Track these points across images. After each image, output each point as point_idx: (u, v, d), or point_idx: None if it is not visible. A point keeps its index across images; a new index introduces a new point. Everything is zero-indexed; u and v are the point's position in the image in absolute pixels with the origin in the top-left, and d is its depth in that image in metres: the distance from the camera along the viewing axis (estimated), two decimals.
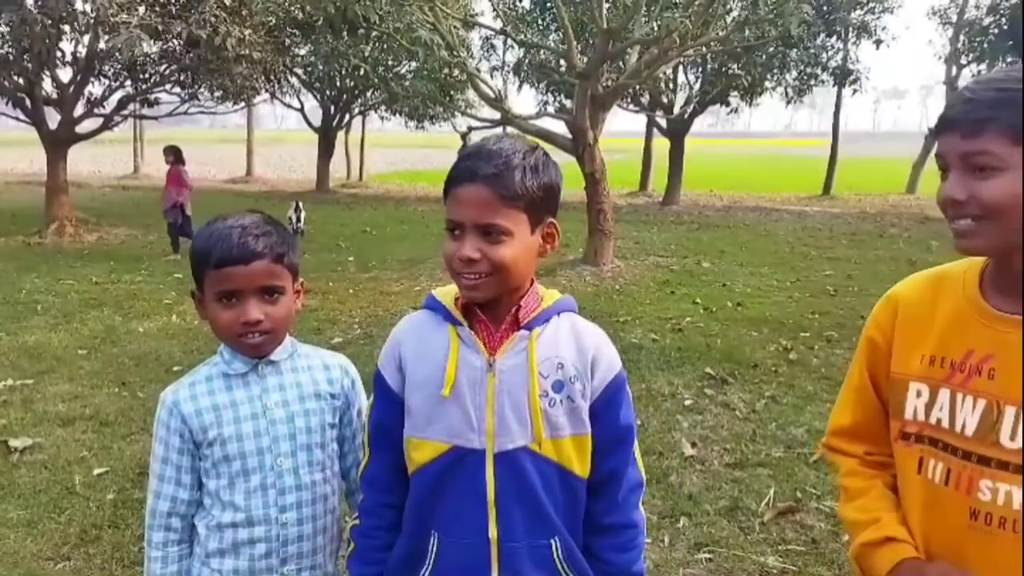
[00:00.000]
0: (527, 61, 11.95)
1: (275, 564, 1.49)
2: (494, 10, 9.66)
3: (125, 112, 13.33)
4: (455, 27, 8.79)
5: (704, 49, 8.98)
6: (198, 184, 22.83)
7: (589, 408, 1.37)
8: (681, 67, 15.70)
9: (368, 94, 20.78)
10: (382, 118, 21.99)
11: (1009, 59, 14.80)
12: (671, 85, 16.42)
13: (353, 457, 1.63)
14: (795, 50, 14.10)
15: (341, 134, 22.84)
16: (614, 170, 10.37)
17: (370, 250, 10.65)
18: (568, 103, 13.82)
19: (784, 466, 3.97)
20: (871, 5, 14.77)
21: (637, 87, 12.85)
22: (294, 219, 11.95)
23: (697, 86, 16.33)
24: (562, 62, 13.99)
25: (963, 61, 17.95)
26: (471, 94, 16.79)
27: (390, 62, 16.27)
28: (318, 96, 20.56)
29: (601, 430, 1.38)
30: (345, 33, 8.67)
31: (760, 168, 29.46)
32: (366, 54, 13.45)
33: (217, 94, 13.49)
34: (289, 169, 31.43)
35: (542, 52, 11.78)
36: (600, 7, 7.24)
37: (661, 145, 20.44)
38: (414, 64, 17.57)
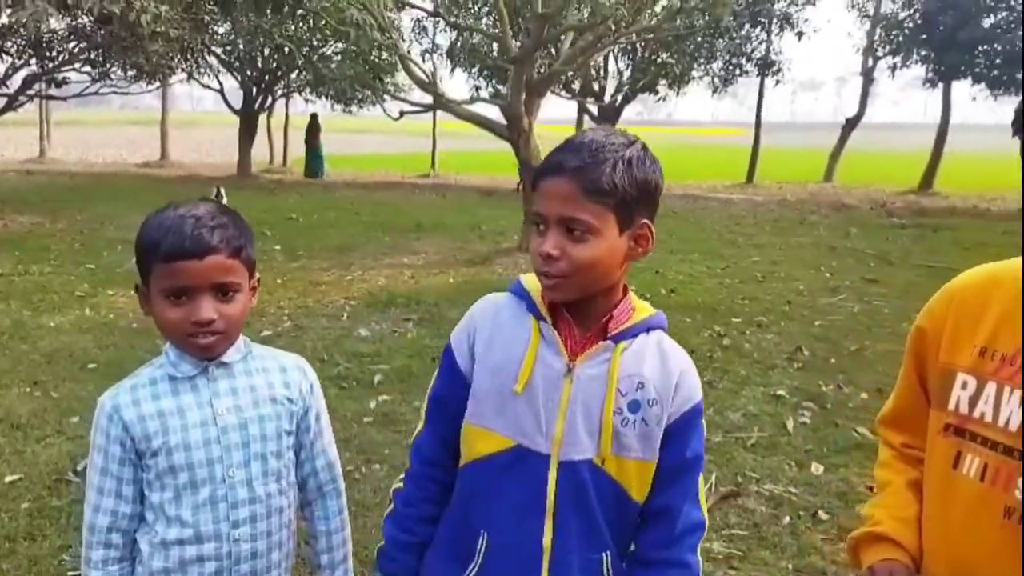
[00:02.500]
0: (460, 44, 11.76)
1: None
2: None
3: (31, 92, 12.48)
4: (386, 7, 8.54)
5: (635, 37, 9.01)
6: (109, 168, 21.87)
7: (664, 432, 1.31)
8: (611, 55, 15.79)
9: (292, 75, 20.12)
10: (307, 100, 21.31)
11: (923, 52, 15.49)
12: (602, 72, 16.49)
13: (310, 466, 1.53)
14: (722, 40, 14.37)
15: (263, 117, 22.08)
16: None
17: (297, 238, 10.30)
18: (502, 89, 13.72)
19: (724, 451, 4.03)
20: None
21: (570, 74, 12.83)
22: None
23: (628, 74, 16.45)
24: (495, 46, 13.88)
25: (879, 53, 18.67)
26: (401, 77, 16.51)
27: (315, 42, 15.77)
28: (238, 77, 19.77)
29: (666, 457, 1.31)
30: (269, 10, 8.32)
31: (686, 156, 30.06)
32: (291, 33, 12.95)
33: (130, 73, 12.77)
34: (206, 153, 30.21)
35: (475, 36, 11.62)
36: None
37: None
38: (341, 45, 17.23)
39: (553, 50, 10.52)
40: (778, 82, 16.89)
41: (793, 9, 15.64)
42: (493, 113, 9.76)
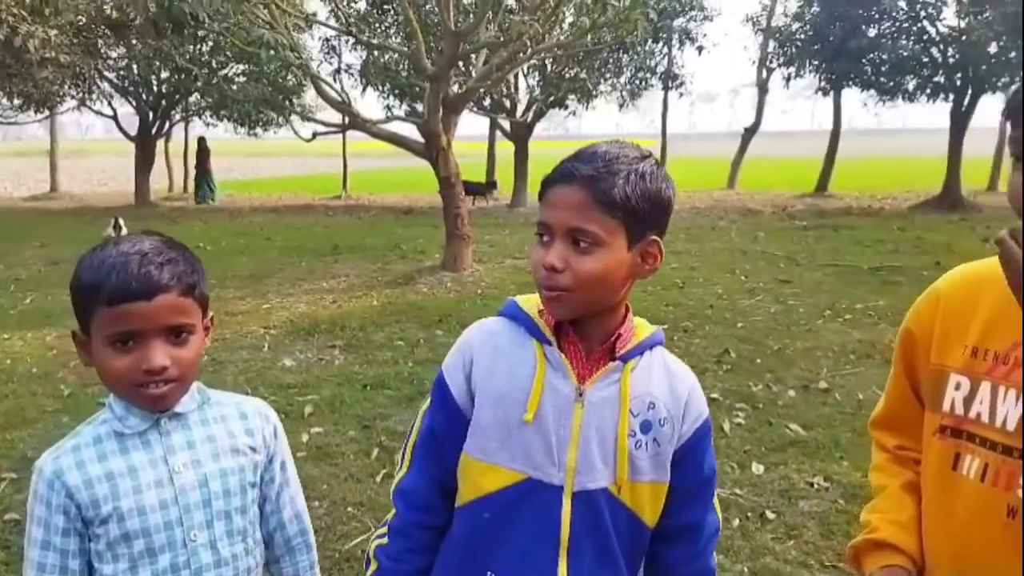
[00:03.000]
0: (371, 63, 11.58)
1: None
2: (333, 10, 9.25)
3: None
4: (296, 26, 8.33)
5: (547, 53, 9.11)
6: None
7: (675, 453, 1.27)
8: (521, 72, 15.96)
9: (190, 99, 19.39)
10: (208, 124, 20.59)
11: (816, 62, 16.33)
12: (513, 89, 16.63)
13: (276, 519, 1.41)
14: (627, 55, 14.74)
15: (161, 143, 21.16)
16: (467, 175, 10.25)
17: (206, 267, 9.62)
18: (417, 107, 13.57)
19: None
20: (693, 13, 15.77)
21: (483, 91, 12.87)
22: (114, 237, 10.89)
23: (538, 90, 16.66)
24: (406, 65, 13.77)
25: (772, 65, 19.58)
26: (308, 98, 16.17)
27: (215, 64, 15.25)
28: (133, 102, 18.90)
29: (683, 477, 1.28)
30: (170, 32, 7.97)
31: None
32: (191, 55, 12.45)
33: (17, 102, 11.97)
34: (99, 183, 28.72)
35: (387, 54, 11.47)
36: (448, 9, 7.11)
37: (504, 149, 20.69)
38: (243, 67, 16.74)
39: (466, 67, 10.51)
40: (681, 95, 17.52)
41: (692, 24, 16.25)
42: (409, 132, 9.66)
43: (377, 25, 12.74)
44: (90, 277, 1.19)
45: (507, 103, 17.18)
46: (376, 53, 11.49)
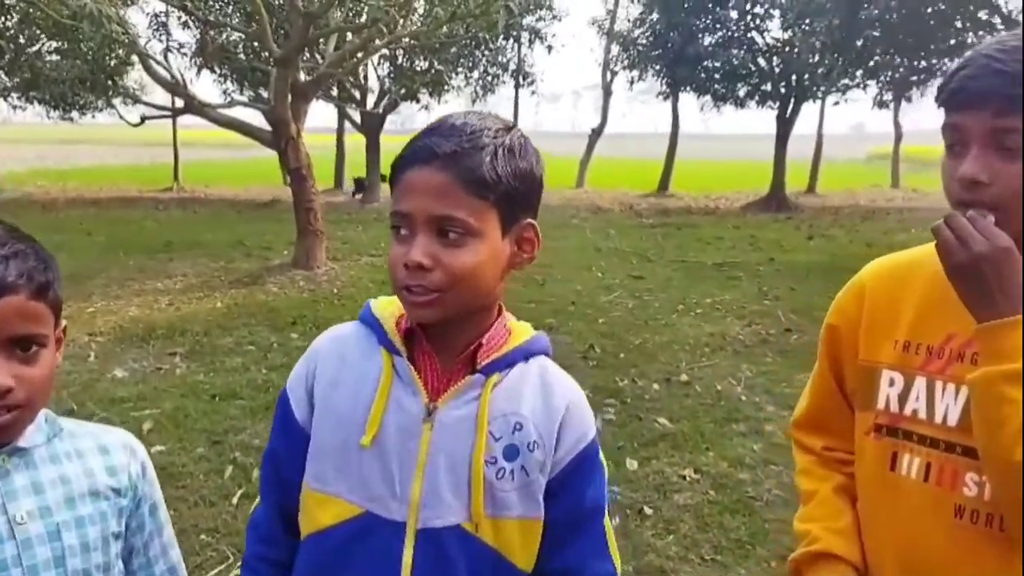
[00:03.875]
0: (209, 43, 10.69)
1: None
2: None
3: None
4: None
5: (402, 42, 8.82)
6: None
7: (546, 485, 1.07)
8: (371, 62, 15.50)
9: None
10: (15, 107, 18.34)
11: (657, 66, 17.10)
12: (363, 79, 16.11)
13: (146, 575, 1.17)
14: (480, 50, 14.70)
15: None
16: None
17: None
18: (263, 93, 12.72)
19: None
20: (541, 13, 15.99)
21: (333, 79, 12.30)
22: None
23: (389, 81, 16.25)
24: (243, 48, 12.92)
25: (615, 68, 20.34)
26: (132, 79, 14.78)
27: (22, 39, 13.55)
28: None
29: (560, 512, 1.08)
30: None
31: None
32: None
33: None
34: None
35: (224, 34, 10.64)
36: None
37: (353, 142, 20.05)
38: (55, 43, 15.01)
39: (313, 53, 9.98)
40: (533, 92, 17.77)
41: (541, 24, 16.49)
42: (251, 119, 9.01)
43: (213, 2, 11.80)
44: None
45: (356, 94, 16.63)
46: (212, 32, 10.62)
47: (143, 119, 8.43)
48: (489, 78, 16.71)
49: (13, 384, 0.95)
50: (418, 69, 16.17)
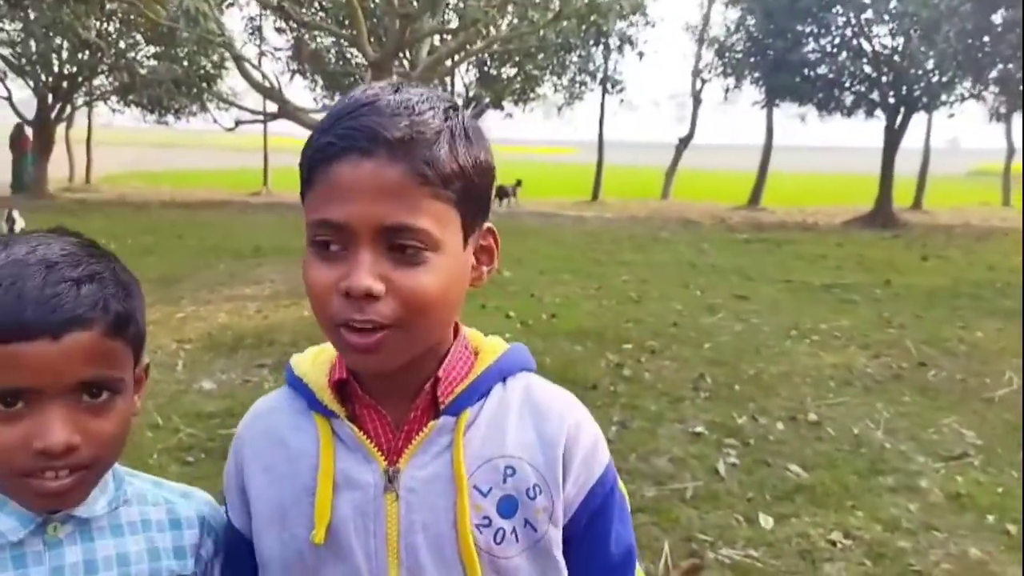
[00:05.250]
0: (303, 48, 10.64)
1: None
2: None
3: None
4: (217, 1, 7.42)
5: (500, 45, 8.52)
6: None
7: (564, 531, 0.85)
8: (457, 71, 15.35)
9: (95, 82, 17.86)
10: (114, 110, 19.04)
11: (756, 74, 16.35)
12: (449, 86, 15.99)
13: None
14: (570, 56, 14.35)
15: (60, 129, 19.41)
16: None
17: None
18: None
19: (663, 508, 3.53)
20: (633, 18, 15.49)
21: (426, 84, 12.18)
22: (7, 230, 9.66)
23: (472, 90, 16.07)
24: (338, 53, 12.91)
25: (705, 76, 19.66)
26: (227, 85, 15.04)
27: (123, 44, 13.95)
28: (31, 82, 17.25)
29: (583, 564, 0.87)
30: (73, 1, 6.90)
31: (528, 174, 30.40)
32: (96, 30, 11.21)
33: None
34: None
35: (320, 38, 10.58)
36: None
37: None
38: (153, 48, 15.44)
39: (408, 57, 9.79)
40: (622, 101, 17.29)
41: (632, 30, 15.99)
42: None
43: (308, 6, 11.82)
44: None
45: None
46: (307, 36, 10.55)
47: (237, 123, 8.39)
48: (577, 85, 16.32)
49: (78, 441, 0.78)
50: (504, 77, 15.93)
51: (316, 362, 0.88)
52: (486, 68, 15.59)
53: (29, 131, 17.80)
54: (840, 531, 3.34)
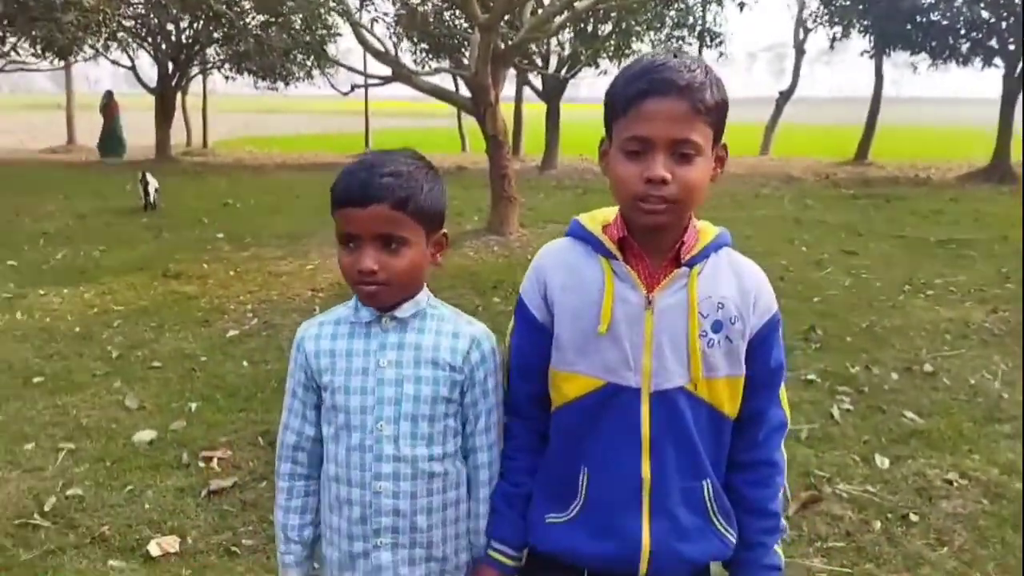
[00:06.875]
0: (413, 13, 10.95)
1: (368, 532, 1.38)
2: None
3: None
4: None
5: (604, 2, 8.56)
6: (12, 155, 20.00)
7: (748, 345, 1.32)
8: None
9: (212, 50, 18.79)
10: (227, 77, 19.98)
11: (864, 22, 15.57)
12: (546, 45, 16.00)
13: (471, 442, 1.44)
14: (670, 10, 14.08)
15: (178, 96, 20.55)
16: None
17: (240, 225, 9.50)
18: (455, 61, 12.96)
19: None
20: None
21: (532, 43, 12.28)
22: (142, 191, 10.50)
23: (570, 46, 16.03)
24: (442, 17, 13.18)
25: (810, 26, 18.85)
26: (335, 49, 15.56)
27: (237, 12, 14.62)
28: (151, 52, 18.32)
29: (752, 369, 1.34)
30: None
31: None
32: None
33: (39, 48, 11.42)
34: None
35: (429, 3, 10.86)
36: None
37: (529, 111, 20.04)
38: (262, 18, 16.10)
39: (510, 19, 9.95)
40: (721, 54, 16.82)
41: None
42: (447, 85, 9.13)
43: None
44: (336, 181, 1.32)
45: (539, 61, 16.55)
46: (415, 1, 10.84)
47: (353, 87, 8.81)
48: (674, 40, 15.99)
49: (376, 268, 1.29)
50: (600, 34, 15.79)
51: (594, 223, 1.34)
52: (582, 25, 15.49)
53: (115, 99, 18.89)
54: (956, 472, 3.45)
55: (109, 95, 19.06)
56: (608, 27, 15.34)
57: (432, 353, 1.37)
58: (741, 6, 15.44)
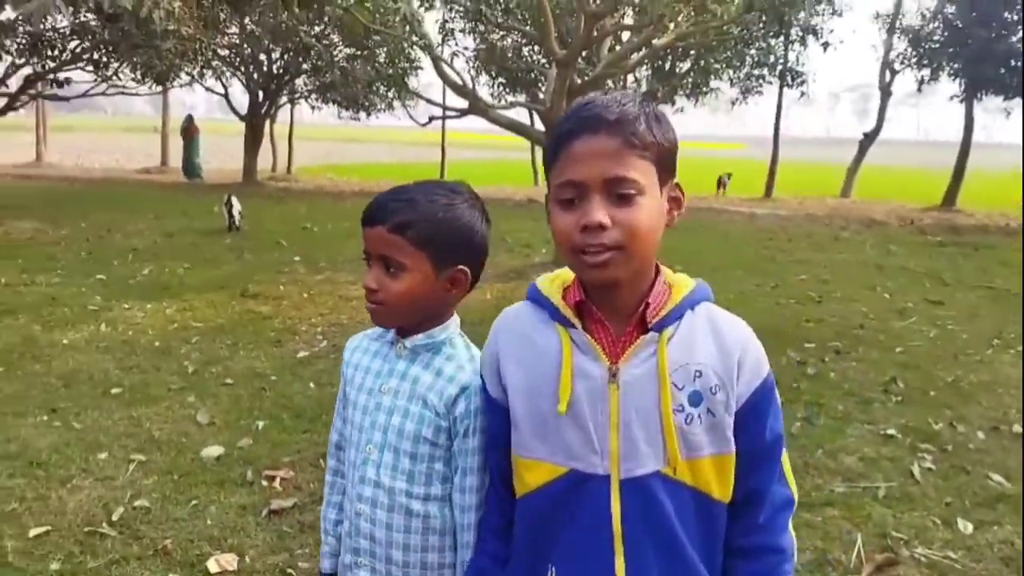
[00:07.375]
0: (492, 48, 11.18)
1: (351, 548, 1.39)
2: None
3: (32, 92, 11.87)
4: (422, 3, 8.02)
5: (681, 40, 8.53)
6: (108, 174, 21.25)
7: (735, 418, 1.15)
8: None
9: (300, 80, 19.58)
10: (313, 107, 20.78)
11: (955, 65, 15.08)
12: (621, 83, 16.04)
13: (454, 484, 1.35)
14: (750, 48, 13.93)
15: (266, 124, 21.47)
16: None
17: (316, 249, 9.77)
18: (531, 95, 13.09)
19: (854, 504, 3.52)
20: (819, 7, 14.74)
21: (608, 80, 12.36)
22: (227, 213, 10.94)
23: (647, 83, 16.01)
24: (520, 52, 13.40)
25: (896, 67, 18.33)
26: (413, 83, 15.98)
27: (322, 46, 15.20)
28: (244, 80, 19.23)
29: (744, 444, 1.16)
30: (296, 7, 7.77)
31: (697, 170, 29.69)
32: (314, 33, 12.34)
33: (139, 74, 12.15)
34: (204, 160, 29.61)
35: (507, 38, 11.06)
36: None
37: None
38: (349, 51, 16.73)
39: (587, 55, 10.03)
40: (803, 94, 16.49)
41: (817, 19, 15.22)
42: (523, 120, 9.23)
43: (493, 8, 12.35)
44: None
45: None
46: (494, 36, 11.06)
47: (431, 119, 9.01)
48: (753, 79, 15.80)
49: (375, 287, 1.30)
50: (678, 71, 15.74)
51: (552, 287, 1.21)
52: (659, 63, 15.48)
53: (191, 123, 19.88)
54: None
55: (190, 119, 20.17)
56: (686, 64, 15.28)
57: (424, 391, 1.33)
58: (825, 46, 15.23)
